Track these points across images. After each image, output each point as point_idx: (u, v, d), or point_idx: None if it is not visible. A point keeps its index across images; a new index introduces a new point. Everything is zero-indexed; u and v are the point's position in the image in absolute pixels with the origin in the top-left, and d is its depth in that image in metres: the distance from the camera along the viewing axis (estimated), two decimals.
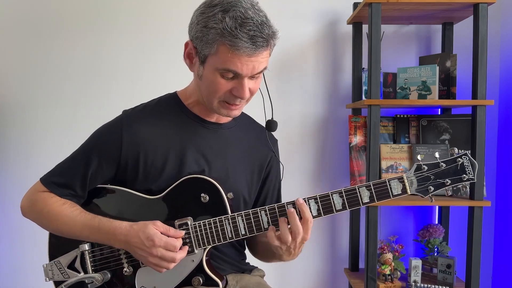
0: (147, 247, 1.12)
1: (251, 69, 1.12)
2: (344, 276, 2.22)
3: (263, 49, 1.10)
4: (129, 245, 1.15)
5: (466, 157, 1.13)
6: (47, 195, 1.24)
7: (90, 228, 1.19)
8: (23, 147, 2.19)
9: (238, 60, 1.10)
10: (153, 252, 1.11)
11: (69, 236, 1.23)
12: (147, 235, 1.12)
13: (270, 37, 1.11)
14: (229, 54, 1.09)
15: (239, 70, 1.11)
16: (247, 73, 1.12)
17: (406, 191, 1.12)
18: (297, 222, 1.11)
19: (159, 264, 1.13)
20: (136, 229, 1.14)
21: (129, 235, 1.14)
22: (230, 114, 1.22)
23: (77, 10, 2.17)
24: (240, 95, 1.15)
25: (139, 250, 1.13)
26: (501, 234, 2.11)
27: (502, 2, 2.08)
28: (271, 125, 1.36)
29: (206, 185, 1.19)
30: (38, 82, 2.18)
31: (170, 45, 2.17)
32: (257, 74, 1.15)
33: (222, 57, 1.10)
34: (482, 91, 1.81)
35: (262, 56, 1.12)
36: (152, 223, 1.14)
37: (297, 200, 1.13)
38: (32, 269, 2.12)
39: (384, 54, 1.96)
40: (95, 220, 1.19)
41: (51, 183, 1.25)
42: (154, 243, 1.11)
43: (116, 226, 1.16)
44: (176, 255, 1.13)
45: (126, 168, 1.23)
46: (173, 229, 1.15)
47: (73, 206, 1.23)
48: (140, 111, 1.28)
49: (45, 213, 1.23)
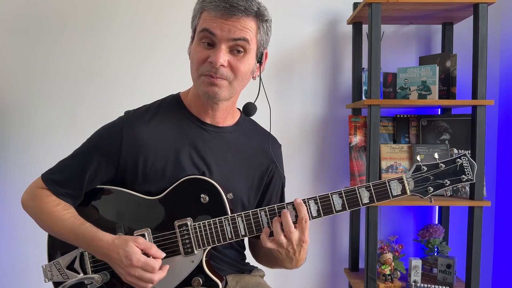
0: (125, 266, 1.10)
1: (227, 31, 1.12)
2: (344, 276, 2.22)
3: (240, 14, 1.11)
4: (109, 259, 1.14)
5: (465, 158, 1.13)
6: (44, 193, 1.24)
7: (75, 235, 1.19)
8: (23, 147, 2.19)
9: (213, 20, 1.12)
10: (131, 271, 1.10)
11: (59, 237, 1.24)
12: (126, 253, 1.10)
13: (254, 12, 1.13)
14: (207, 16, 1.13)
15: (213, 29, 1.12)
16: (222, 35, 1.12)
17: (405, 191, 1.12)
18: (288, 221, 1.10)
19: (137, 284, 1.12)
20: (117, 245, 1.12)
21: (110, 250, 1.13)
22: (209, 91, 1.17)
23: (77, 10, 2.17)
24: (213, 59, 1.13)
25: (118, 267, 1.13)
26: (501, 234, 2.11)
27: (502, 2, 2.08)
28: (249, 107, 1.27)
29: (206, 186, 1.19)
30: (38, 82, 2.18)
31: (170, 45, 2.17)
32: (236, 43, 1.14)
33: (202, 21, 1.15)
34: (482, 91, 1.80)
35: (241, 24, 1.13)
36: (133, 239, 1.12)
37: (295, 200, 1.13)
38: (32, 269, 2.12)
39: (384, 54, 1.96)
40: (81, 228, 1.18)
41: (50, 180, 1.25)
42: (131, 263, 1.10)
43: (100, 238, 1.15)
44: (154, 276, 1.11)
45: (125, 168, 1.23)
46: (155, 248, 1.14)
47: (66, 209, 1.23)
48: (142, 112, 1.27)
49: (39, 210, 1.24)
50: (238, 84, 1.20)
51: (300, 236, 1.12)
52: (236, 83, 1.19)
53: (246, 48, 1.16)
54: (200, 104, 1.26)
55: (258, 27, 1.16)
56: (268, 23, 1.20)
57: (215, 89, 1.17)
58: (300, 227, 1.11)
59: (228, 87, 1.19)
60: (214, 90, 1.17)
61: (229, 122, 1.32)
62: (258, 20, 1.16)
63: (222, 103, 1.24)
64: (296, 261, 1.18)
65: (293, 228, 1.11)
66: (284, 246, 1.12)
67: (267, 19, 1.19)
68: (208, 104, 1.24)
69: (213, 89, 1.17)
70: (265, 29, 1.19)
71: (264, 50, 1.24)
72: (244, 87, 1.25)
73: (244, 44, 1.15)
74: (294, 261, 1.17)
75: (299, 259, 1.17)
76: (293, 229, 1.11)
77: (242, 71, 1.18)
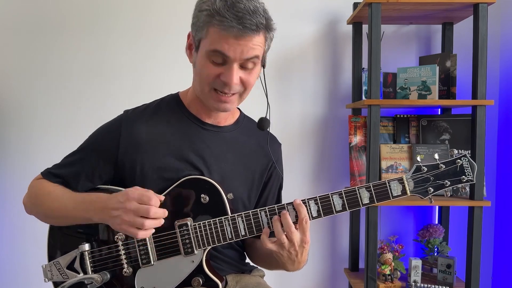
0: (121, 203, 1.09)
1: (239, 53, 1.10)
2: (344, 276, 2.22)
3: (252, 33, 1.09)
4: (106, 209, 1.12)
5: (465, 159, 1.13)
6: (42, 180, 1.27)
7: (74, 201, 1.19)
8: (23, 148, 2.19)
9: (226, 41, 1.09)
10: (127, 205, 1.08)
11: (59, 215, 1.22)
12: (123, 193, 1.11)
13: (263, 25, 1.10)
14: (217, 35, 1.09)
15: (226, 52, 1.09)
16: (235, 56, 1.11)
17: (406, 192, 1.13)
18: (288, 222, 1.10)
19: (133, 222, 1.08)
20: (115, 194, 1.13)
21: (108, 201, 1.13)
22: (219, 107, 1.19)
23: (77, 10, 2.17)
24: (227, 80, 1.13)
25: (115, 210, 1.10)
26: (501, 234, 2.11)
27: (502, 2, 2.07)
28: (262, 123, 1.27)
29: (206, 186, 1.19)
30: (39, 82, 2.18)
31: (171, 45, 2.16)
32: (248, 61, 1.13)
33: (211, 39, 1.10)
34: (482, 91, 1.80)
35: (252, 43, 1.10)
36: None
37: (295, 200, 1.12)
38: (32, 269, 2.12)
39: (384, 54, 1.96)
40: (81, 194, 1.21)
41: (48, 173, 1.28)
42: (128, 197, 1.09)
43: (98, 195, 1.17)
44: (151, 207, 1.08)
45: (123, 167, 1.23)
46: (152, 192, 1.12)
47: (65, 188, 1.24)
48: (140, 111, 1.28)
49: (39, 195, 1.25)
50: (247, 94, 1.21)
51: (302, 237, 1.11)
52: (245, 94, 1.21)
53: (256, 62, 1.16)
54: (201, 107, 1.27)
55: (265, 39, 1.15)
56: (274, 31, 1.18)
57: (227, 106, 1.20)
58: (301, 228, 1.11)
59: (238, 100, 1.21)
60: (226, 106, 1.20)
61: (229, 121, 1.32)
62: (266, 32, 1.14)
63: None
64: (298, 263, 1.16)
65: (294, 228, 1.10)
66: (285, 247, 1.12)
67: (273, 28, 1.17)
68: (212, 110, 1.25)
69: (225, 106, 1.19)
70: (271, 36, 1.18)
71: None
72: None
73: (255, 60, 1.15)
74: (296, 262, 1.16)
75: (301, 260, 1.16)
76: (294, 230, 1.10)
77: (251, 83, 1.19)
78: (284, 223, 1.11)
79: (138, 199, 1.09)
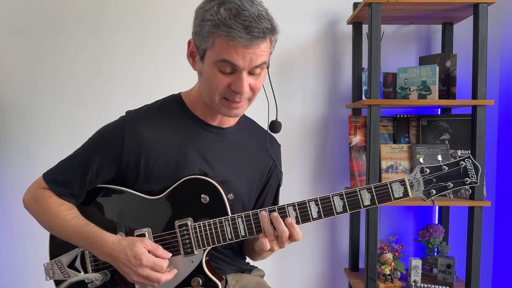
0: (133, 266, 1.12)
1: (248, 61, 1.09)
2: (344, 276, 2.22)
3: (260, 41, 1.08)
4: (115, 259, 1.15)
5: (469, 160, 1.12)
6: (46, 194, 1.25)
7: (79, 235, 1.19)
8: (24, 148, 2.19)
9: (234, 51, 1.08)
10: (139, 271, 1.12)
11: (62, 237, 1.24)
12: (135, 253, 1.11)
13: (269, 30, 1.09)
14: (224, 45, 1.07)
15: (235, 61, 1.09)
16: (244, 65, 1.10)
17: (407, 194, 1.12)
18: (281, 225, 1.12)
19: (143, 283, 1.14)
20: (124, 245, 1.13)
21: (116, 250, 1.14)
22: (231, 114, 1.20)
23: (78, 10, 2.17)
24: (238, 89, 1.12)
25: (125, 267, 1.13)
26: (501, 234, 2.11)
27: (502, 2, 2.07)
28: (274, 126, 1.32)
29: (207, 186, 1.19)
30: (39, 82, 2.18)
31: (172, 46, 2.16)
32: (256, 68, 1.12)
33: (219, 49, 1.09)
34: (482, 91, 1.80)
35: (260, 49, 1.10)
36: (140, 240, 1.14)
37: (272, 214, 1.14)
38: (32, 268, 2.12)
39: (384, 54, 1.95)
40: (86, 229, 1.19)
41: (52, 180, 1.25)
42: (141, 263, 1.11)
43: (104, 239, 1.16)
44: (162, 276, 1.13)
45: (127, 168, 1.23)
46: (161, 248, 1.16)
47: (70, 209, 1.23)
48: (143, 112, 1.27)
49: (42, 210, 1.24)
50: (254, 98, 1.21)
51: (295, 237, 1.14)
52: (254, 98, 1.21)
53: (263, 67, 1.15)
54: (206, 110, 1.26)
55: (271, 42, 1.14)
56: (279, 33, 1.17)
57: (238, 111, 1.20)
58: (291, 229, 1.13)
59: (247, 104, 1.21)
60: (237, 112, 1.20)
61: (231, 122, 1.32)
62: (272, 35, 1.13)
63: None
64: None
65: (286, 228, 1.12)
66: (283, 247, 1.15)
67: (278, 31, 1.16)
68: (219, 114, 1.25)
69: (236, 112, 1.20)
70: (276, 38, 1.17)
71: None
72: None
73: (263, 65, 1.14)
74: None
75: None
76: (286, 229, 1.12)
77: (259, 87, 1.19)
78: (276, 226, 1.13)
79: (151, 267, 1.12)
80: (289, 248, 1.16)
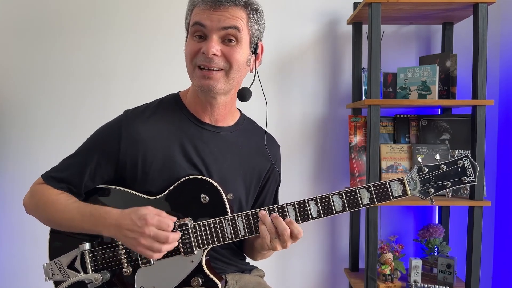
0: (139, 227, 1.10)
1: (216, 21, 1.13)
2: (344, 276, 2.22)
3: (228, 4, 1.14)
4: (119, 228, 1.13)
5: (467, 159, 1.12)
6: (44, 187, 1.26)
7: (82, 214, 1.19)
8: (23, 148, 2.19)
9: (202, 12, 1.15)
10: (146, 231, 1.09)
11: (63, 224, 1.23)
12: (139, 215, 1.11)
13: (242, 1, 1.15)
14: (196, 12, 1.17)
15: (202, 21, 1.14)
16: (212, 26, 1.14)
17: (406, 193, 1.12)
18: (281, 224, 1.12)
19: (151, 246, 1.10)
20: (128, 212, 1.13)
21: (120, 218, 1.13)
22: (204, 84, 1.17)
23: (77, 10, 2.17)
24: (206, 49, 1.14)
25: (130, 232, 1.11)
26: (501, 234, 2.11)
27: (502, 2, 2.08)
28: (243, 92, 1.26)
29: (206, 186, 1.19)
30: (39, 82, 2.18)
31: (170, 45, 2.17)
32: (227, 33, 1.15)
33: (193, 18, 1.17)
34: (482, 91, 1.80)
35: (229, 13, 1.14)
36: (143, 207, 1.14)
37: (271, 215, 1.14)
38: (32, 269, 2.12)
39: (384, 54, 1.96)
40: (88, 207, 1.20)
41: (49, 177, 1.26)
42: (147, 222, 1.09)
43: (107, 211, 1.17)
44: (170, 234, 1.11)
45: (125, 167, 1.23)
46: (164, 212, 1.15)
47: (69, 196, 1.24)
48: (141, 111, 1.27)
49: (42, 202, 1.24)
50: (235, 74, 1.19)
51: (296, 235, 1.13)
52: (233, 73, 1.19)
53: (238, 36, 1.16)
54: (198, 102, 1.26)
55: (248, 17, 1.18)
56: (258, 12, 1.21)
57: (210, 82, 1.17)
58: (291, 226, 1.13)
59: (224, 79, 1.19)
60: (210, 83, 1.17)
61: (228, 122, 1.32)
62: (247, 9, 1.18)
63: (220, 98, 1.23)
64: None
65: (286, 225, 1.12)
66: (286, 246, 1.14)
67: (256, 8, 1.20)
68: (207, 100, 1.24)
69: (208, 83, 1.17)
70: (256, 18, 1.20)
71: (258, 41, 1.24)
72: (241, 78, 1.25)
73: (235, 32, 1.16)
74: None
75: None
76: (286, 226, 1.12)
77: (237, 59, 1.17)
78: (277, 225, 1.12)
79: (157, 225, 1.10)
80: (289, 248, 1.16)
